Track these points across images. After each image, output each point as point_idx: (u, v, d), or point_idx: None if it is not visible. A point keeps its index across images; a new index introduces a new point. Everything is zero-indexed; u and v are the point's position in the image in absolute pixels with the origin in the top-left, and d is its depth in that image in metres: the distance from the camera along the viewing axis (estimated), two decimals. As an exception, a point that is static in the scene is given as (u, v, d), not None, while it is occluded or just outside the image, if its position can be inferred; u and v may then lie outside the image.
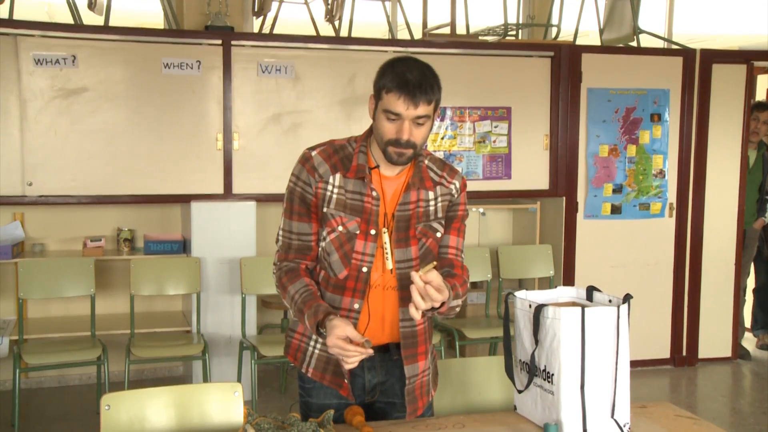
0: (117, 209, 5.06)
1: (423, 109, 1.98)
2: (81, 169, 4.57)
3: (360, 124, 4.92)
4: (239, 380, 4.40)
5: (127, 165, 4.65)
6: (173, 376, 5.29)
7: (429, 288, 1.89)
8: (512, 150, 5.30)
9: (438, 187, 2.17)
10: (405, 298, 2.11)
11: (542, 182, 5.37)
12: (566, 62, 5.30)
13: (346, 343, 1.90)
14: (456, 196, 2.20)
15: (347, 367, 1.95)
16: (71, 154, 4.55)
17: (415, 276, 1.90)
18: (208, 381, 4.38)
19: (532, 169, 5.34)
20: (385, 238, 2.08)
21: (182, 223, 5.12)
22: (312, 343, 2.17)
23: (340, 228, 2.07)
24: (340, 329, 1.92)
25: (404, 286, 2.09)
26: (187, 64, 4.69)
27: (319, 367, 2.16)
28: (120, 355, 4.58)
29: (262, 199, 4.86)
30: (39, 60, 4.45)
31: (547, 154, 5.37)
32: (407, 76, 1.97)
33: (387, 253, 2.09)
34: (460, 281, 2.12)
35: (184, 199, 4.78)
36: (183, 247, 4.91)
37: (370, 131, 2.13)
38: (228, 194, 4.80)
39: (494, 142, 5.26)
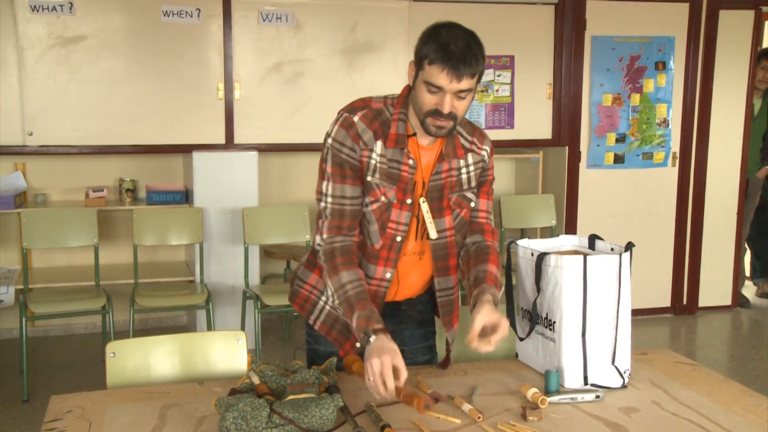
0: (119, 159, 5.04)
1: (466, 83, 1.88)
2: (82, 119, 4.55)
3: (362, 74, 4.88)
4: (242, 329, 4.44)
5: (128, 115, 4.62)
6: (177, 325, 5.35)
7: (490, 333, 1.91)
8: (515, 99, 5.26)
9: (469, 155, 2.10)
10: (440, 269, 2.11)
11: (545, 132, 5.34)
12: (570, 10, 5.22)
13: (389, 373, 1.80)
14: (488, 161, 2.15)
15: (375, 391, 1.82)
16: (71, 103, 4.52)
17: (475, 343, 1.91)
18: (212, 330, 4.42)
19: (534, 119, 5.31)
20: (425, 207, 2.04)
21: (184, 174, 5.11)
22: (324, 298, 2.14)
23: (383, 198, 2.02)
24: (392, 354, 1.82)
25: (438, 256, 2.09)
26: (186, 12, 4.62)
27: (327, 323, 2.16)
28: (124, 305, 4.62)
29: (264, 148, 4.84)
30: (35, 7, 4.39)
31: (550, 103, 5.33)
32: (451, 47, 1.85)
33: (429, 222, 2.04)
34: (495, 261, 2.08)
35: (186, 149, 4.77)
36: (185, 197, 4.91)
37: (407, 93, 2.04)
38: (230, 144, 4.78)
39: (497, 91, 5.22)
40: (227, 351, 2.20)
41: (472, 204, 2.13)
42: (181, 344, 2.19)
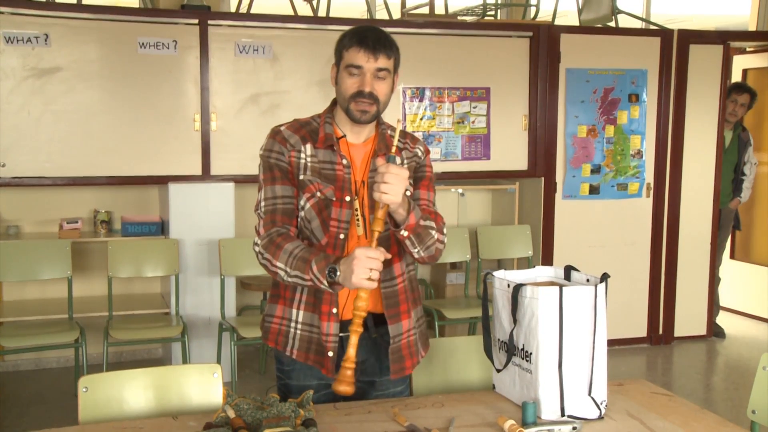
0: (93, 191, 5.00)
1: (383, 62, 2.06)
2: (56, 150, 4.51)
3: (339, 105, 4.90)
4: (219, 362, 4.39)
5: (103, 146, 4.59)
6: (152, 358, 5.27)
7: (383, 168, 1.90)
8: (491, 130, 5.30)
9: (403, 152, 2.23)
10: (383, 261, 2.11)
11: (521, 163, 5.38)
12: (545, 42, 5.30)
13: (370, 252, 1.88)
14: (422, 158, 2.25)
15: (371, 285, 1.89)
16: (46, 134, 4.49)
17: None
18: (187, 363, 4.36)
19: (510, 150, 5.35)
20: (356, 204, 2.12)
21: (160, 205, 5.08)
22: (293, 324, 2.16)
23: (318, 194, 2.11)
24: (358, 249, 1.90)
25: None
26: (163, 44, 4.63)
27: (302, 347, 2.16)
28: (98, 338, 4.55)
29: (241, 180, 4.83)
30: (10, 38, 4.38)
31: (525, 134, 5.38)
32: (366, 33, 2.07)
33: (358, 219, 2.12)
34: (440, 220, 2.15)
35: (162, 181, 4.74)
36: (161, 228, 4.88)
37: (332, 106, 2.19)
38: (206, 175, 4.77)
39: (473, 122, 5.26)
40: (202, 384, 2.18)
41: (407, 193, 2.14)
42: (156, 378, 2.16)
